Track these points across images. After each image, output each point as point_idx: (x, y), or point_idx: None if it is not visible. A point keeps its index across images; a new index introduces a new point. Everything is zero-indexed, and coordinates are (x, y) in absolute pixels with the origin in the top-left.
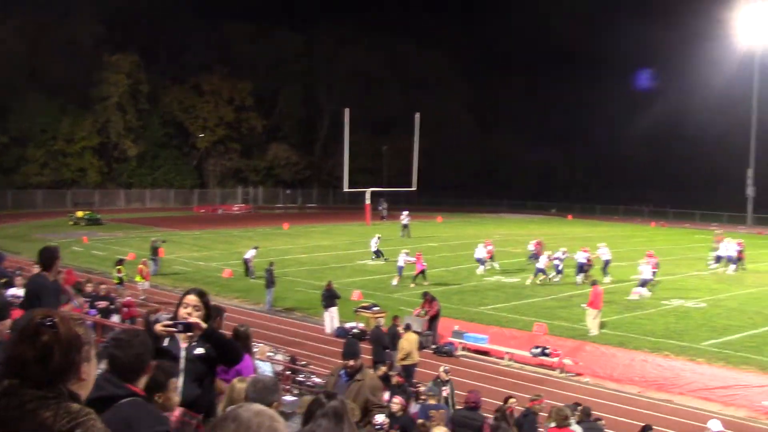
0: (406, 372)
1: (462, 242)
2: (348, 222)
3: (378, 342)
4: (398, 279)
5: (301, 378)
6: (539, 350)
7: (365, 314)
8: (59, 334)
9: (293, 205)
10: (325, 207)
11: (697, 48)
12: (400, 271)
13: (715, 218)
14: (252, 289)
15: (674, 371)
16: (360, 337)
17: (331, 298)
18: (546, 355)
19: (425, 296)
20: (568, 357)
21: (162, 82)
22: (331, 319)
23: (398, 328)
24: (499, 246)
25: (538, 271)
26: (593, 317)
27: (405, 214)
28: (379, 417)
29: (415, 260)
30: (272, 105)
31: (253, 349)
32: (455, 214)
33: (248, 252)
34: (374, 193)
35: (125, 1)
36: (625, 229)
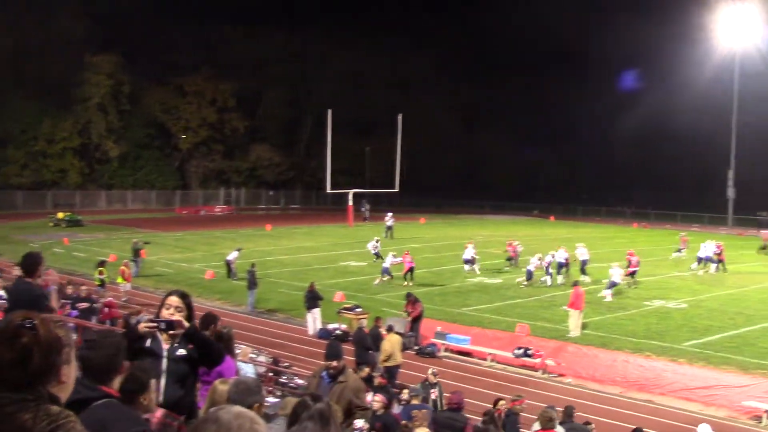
0: (389, 373)
1: (445, 243)
2: (331, 223)
3: (361, 343)
4: (380, 280)
5: (284, 379)
6: (521, 351)
7: (348, 315)
8: (39, 336)
9: (276, 206)
10: (308, 208)
11: (679, 50)
12: (385, 272)
13: (696, 219)
14: (234, 291)
15: (655, 372)
16: (343, 338)
17: (313, 299)
18: (528, 356)
19: (408, 297)
20: (551, 358)
21: (144, 82)
22: (314, 321)
23: (380, 330)
24: (481, 247)
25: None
26: (575, 318)
27: (389, 215)
28: (359, 422)
29: (401, 260)
30: (255, 106)
31: (236, 350)
32: (438, 216)
33: (231, 254)
34: (357, 195)
35: (107, 1)
36: (607, 231)
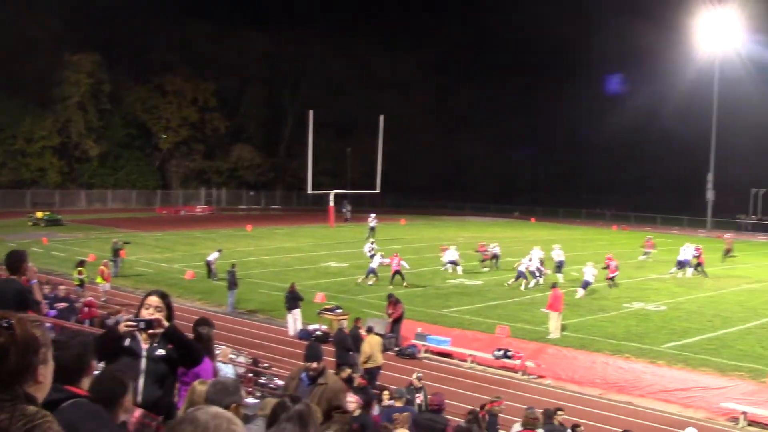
0: (370, 375)
1: (425, 245)
2: (311, 224)
3: (341, 344)
4: (363, 279)
5: (264, 380)
6: (502, 353)
7: (328, 316)
8: (15, 336)
9: (256, 206)
10: (289, 209)
11: (661, 54)
12: (371, 271)
13: (675, 222)
14: (214, 291)
15: (635, 373)
16: (323, 339)
17: (294, 300)
18: (508, 357)
19: (390, 298)
20: (531, 359)
21: (124, 82)
22: (294, 321)
23: (360, 331)
24: (462, 249)
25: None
26: (554, 320)
27: (372, 216)
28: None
29: (389, 261)
30: (236, 106)
31: (215, 351)
32: (419, 217)
33: (211, 254)
34: (338, 196)
35: None
36: (587, 233)
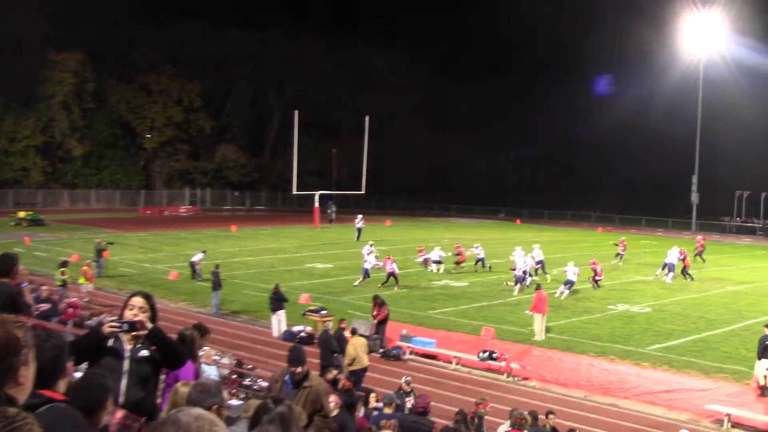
0: (355, 377)
1: (411, 246)
2: (296, 225)
3: (326, 346)
4: (360, 281)
5: (248, 382)
6: (487, 354)
7: (313, 318)
8: None
9: (241, 207)
10: (274, 209)
11: (646, 57)
12: (366, 274)
13: (660, 224)
14: (198, 292)
15: (620, 375)
16: (308, 341)
17: (278, 301)
18: (493, 359)
19: (375, 300)
20: (516, 361)
21: (109, 81)
22: (279, 323)
23: (344, 332)
24: (447, 250)
25: (524, 278)
26: (538, 322)
27: (359, 217)
28: None
29: (382, 264)
30: (221, 106)
31: (199, 352)
32: (404, 218)
33: (196, 255)
34: (323, 196)
35: None
36: (572, 234)
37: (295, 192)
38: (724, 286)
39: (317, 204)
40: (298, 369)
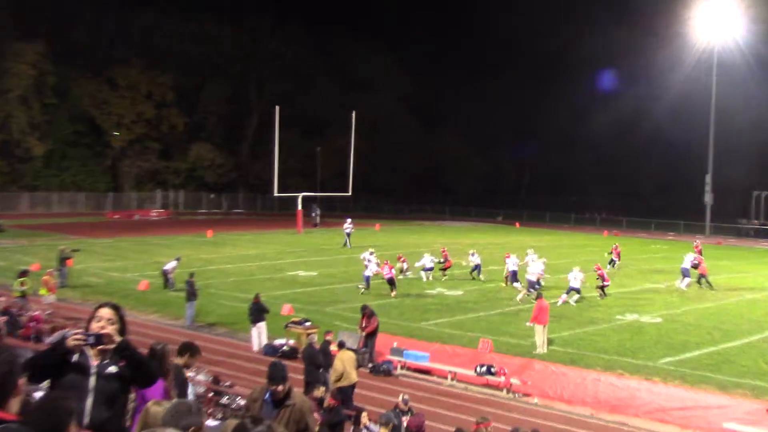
0: (344, 394)
1: (402, 251)
2: (278, 229)
3: (310, 361)
4: (366, 289)
5: (226, 400)
6: (484, 369)
7: (296, 330)
8: None
9: (218, 210)
10: (253, 213)
11: (654, 50)
12: (367, 281)
13: (671, 227)
14: (171, 303)
15: (629, 391)
16: (290, 355)
17: (259, 312)
18: (492, 374)
19: (364, 310)
20: (516, 376)
21: (72, 74)
22: (259, 336)
23: (331, 346)
24: (439, 256)
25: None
26: (540, 334)
27: (348, 221)
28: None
29: (380, 270)
30: (195, 101)
31: (190, 373)
32: (394, 222)
33: (168, 263)
34: (306, 199)
35: None
36: (576, 238)
37: (276, 194)
38: (741, 293)
39: (300, 207)
40: (279, 387)
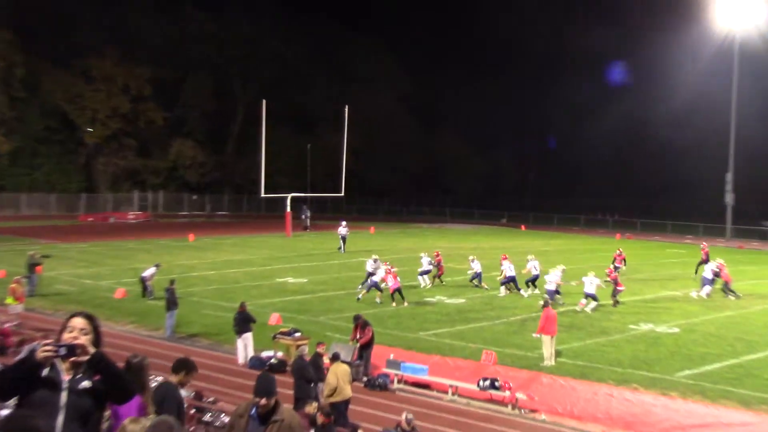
0: (337, 410)
1: (399, 256)
2: (265, 233)
3: (301, 375)
4: (380, 296)
5: (209, 417)
6: (488, 383)
7: (285, 341)
8: None
9: (200, 212)
10: (238, 215)
11: (669, 42)
12: (378, 287)
13: (689, 230)
14: (150, 312)
15: (644, 407)
16: (279, 368)
17: (244, 322)
18: (496, 388)
19: (357, 320)
20: (522, 390)
21: (42, 65)
22: (245, 347)
23: (323, 358)
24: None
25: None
26: (548, 345)
27: (343, 224)
28: None
29: (383, 276)
30: (176, 95)
31: (150, 384)
32: (390, 225)
33: (147, 269)
34: (296, 200)
35: None
36: (586, 242)
37: (263, 195)
38: (766, 301)
39: (289, 208)
40: (263, 401)
